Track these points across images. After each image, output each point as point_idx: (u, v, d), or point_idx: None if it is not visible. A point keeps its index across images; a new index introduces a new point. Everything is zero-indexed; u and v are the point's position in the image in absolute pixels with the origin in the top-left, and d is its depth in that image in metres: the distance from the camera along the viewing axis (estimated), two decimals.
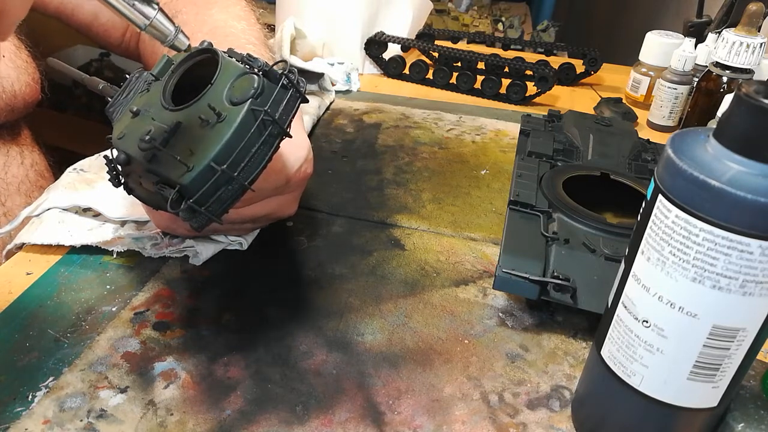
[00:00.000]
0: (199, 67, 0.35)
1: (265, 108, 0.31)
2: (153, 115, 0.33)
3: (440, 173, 0.59)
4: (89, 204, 0.44)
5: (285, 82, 0.32)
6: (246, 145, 0.31)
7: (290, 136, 0.33)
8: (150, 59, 0.61)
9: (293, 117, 0.32)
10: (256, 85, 0.31)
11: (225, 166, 0.30)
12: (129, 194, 0.36)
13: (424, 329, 0.39)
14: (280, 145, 0.33)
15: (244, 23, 0.55)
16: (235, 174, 0.30)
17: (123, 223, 0.44)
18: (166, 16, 0.32)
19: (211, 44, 0.35)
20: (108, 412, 0.32)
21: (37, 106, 0.58)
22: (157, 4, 0.32)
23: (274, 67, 0.33)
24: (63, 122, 1.16)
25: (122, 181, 0.35)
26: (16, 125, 0.58)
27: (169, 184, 0.31)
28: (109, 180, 0.35)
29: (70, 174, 0.48)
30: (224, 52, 0.34)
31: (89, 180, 0.47)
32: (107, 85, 0.38)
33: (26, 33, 0.57)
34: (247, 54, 0.33)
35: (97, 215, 0.45)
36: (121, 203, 0.45)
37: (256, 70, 0.32)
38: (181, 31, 0.33)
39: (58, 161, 0.62)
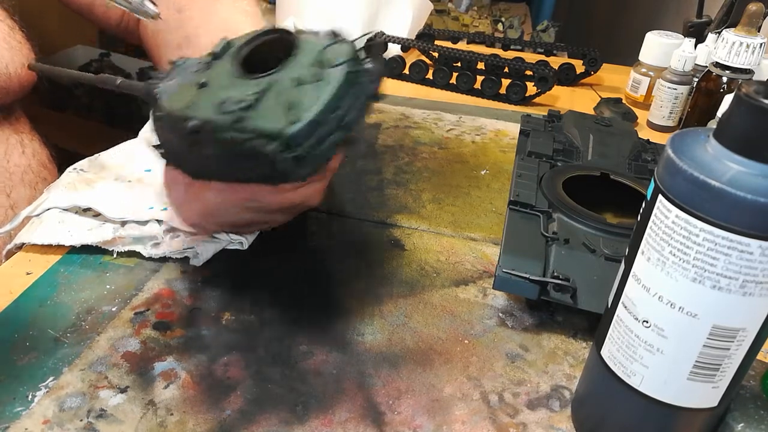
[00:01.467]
0: (259, 49, 0.36)
1: (360, 68, 0.33)
2: (224, 87, 0.33)
3: (440, 173, 0.59)
4: (89, 204, 0.44)
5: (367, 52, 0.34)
6: (346, 101, 0.32)
7: (382, 98, 0.34)
8: (150, 40, 0.60)
9: (382, 80, 0.34)
10: (349, 50, 0.33)
11: (331, 115, 0.31)
12: (176, 167, 0.35)
13: (424, 329, 0.39)
14: None
15: (249, 20, 0.54)
16: (341, 123, 0.32)
17: (123, 223, 0.44)
18: None
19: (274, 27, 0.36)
20: (108, 412, 0.32)
21: (37, 105, 0.58)
22: None
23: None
24: (63, 122, 1.16)
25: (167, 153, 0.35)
26: (12, 110, 0.57)
27: (268, 138, 0.30)
28: (159, 153, 0.35)
29: (70, 174, 0.48)
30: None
31: (89, 180, 0.47)
32: (123, 80, 0.38)
33: (20, 14, 0.56)
34: (331, 30, 0.35)
35: (97, 215, 0.45)
36: (121, 203, 0.45)
37: (343, 38, 0.35)
38: (150, 1, 0.33)
39: (58, 161, 0.62)
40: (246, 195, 0.38)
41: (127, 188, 0.47)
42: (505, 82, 0.79)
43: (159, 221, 0.44)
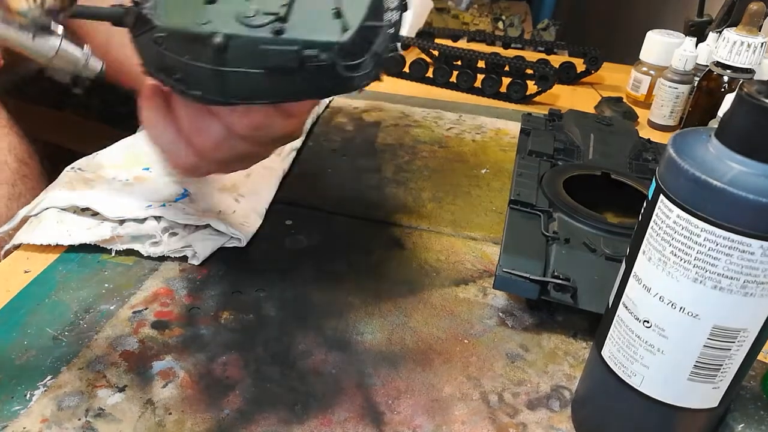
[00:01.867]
0: None
1: None
2: (236, 1, 0.30)
3: (440, 172, 0.59)
4: (87, 204, 0.44)
5: None
6: (383, 8, 0.31)
7: (408, 8, 0.33)
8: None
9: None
10: None
11: (375, 22, 0.30)
12: (191, 95, 0.32)
13: (423, 329, 0.39)
14: None
15: None
16: (388, 23, 0.31)
17: (121, 221, 0.44)
18: (72, 42, 0.31)
19: None
20: (106, 411, 0.32)
21: (36, 104, 0.57)
22: (61, 33, 0.30)
23: None
24: (61, 121, 1.16)
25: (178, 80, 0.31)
26: None
27: (320, 48, 0.29)
28: (171, 82, 0.32)
29: (68, 173, 0.48)
30: None
31: (87, 179, 0.47)
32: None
33: None
34: None
35: (95, 214, 0.45)
36: (119, 202, 0.45)
37: None
38: (92, 55, 0.32)
39: (58, 160, 0.61)
40: (258, 121, 0.35)
41: (125, 187, 0.47)
42: (506, 80, 0.78)
43: (157, 218, 0.44)
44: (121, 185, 0.47)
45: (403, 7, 0.33)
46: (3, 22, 0.29)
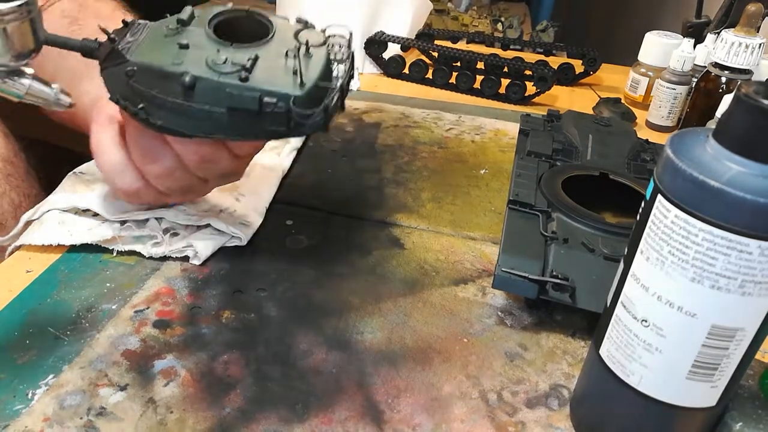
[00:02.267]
0: (226, 22, 0.39)
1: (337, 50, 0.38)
2: (207, 50, 0.35)
3: (440, 172, 0.59)
4: (87, 205, 0.44)
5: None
6: (332, 73, 0.37)
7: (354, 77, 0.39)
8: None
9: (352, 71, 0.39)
10: (323, 37, 0.38)
11: (326, 83, 0.36)
12: (154, 125, 0.35)
13: (423, 328, 0.39)
14: None
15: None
16: (336, 87, 0.36)
17: (122, 222, 0.44)
18: (41, 81, 0.34)
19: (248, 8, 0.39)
20: (108, 410, 0.32)
21: (22, 101, 0.56)
22: (30, 73, 0.33)
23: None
24: (48, 118, 1.16)
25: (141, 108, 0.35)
26: None
27: (278, 97, 0.34)
28: (135, 111, 0.35)
29: (70, 177, 0.48)
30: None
31: (87, 182, 0.47)
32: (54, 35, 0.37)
33: None
34: (298, 17, 0.40)
35: (96, 215, 0.45)
36: (119, 205, 0.45)
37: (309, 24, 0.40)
38: (61, 91, 0.35)
39: (46, 158, 0.60)
40: (208, 155, 0.38)
41: None
42: (505, 81, 0.79)
43: (158, 219, 0.44)
44: None
45: (350, 76, 0.38)
46: None
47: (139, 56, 0.35)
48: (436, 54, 0.83)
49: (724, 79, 0.63)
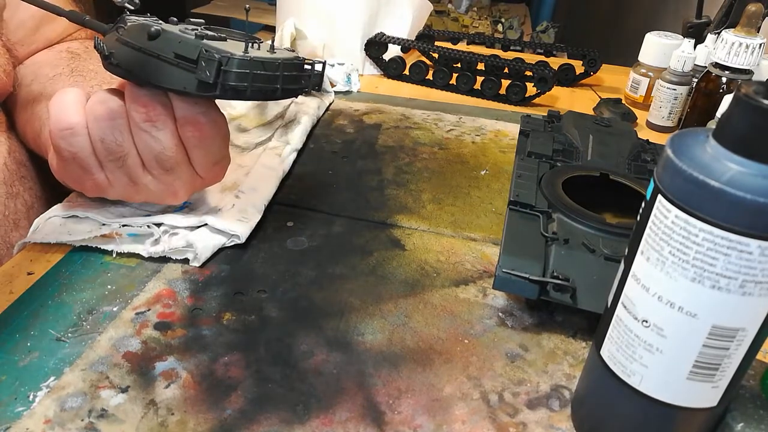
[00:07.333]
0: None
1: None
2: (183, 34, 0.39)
3: (440, 174, 0.59)
4: (87, 214, 0.45)
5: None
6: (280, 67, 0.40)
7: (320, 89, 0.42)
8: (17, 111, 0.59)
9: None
10: (270, 44, 0.42)
11: (271, 66, 0.39)
12: (123, 72, 0.39)
13: (424, 329, 0.39)
14: None
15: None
16: (269, 72, 0.39)
17: (122, 226, 0.44)
18: None
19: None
20: (109, 412, 0.32)
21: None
22: None
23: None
24: None
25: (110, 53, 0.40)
26: None
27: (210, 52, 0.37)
28: (112, 62, 0.39)
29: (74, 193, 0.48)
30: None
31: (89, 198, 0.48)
32: (89, 18, 0.43)
33: None
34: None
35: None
36: (117, 211, 0.45)
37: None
38: None
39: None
40: (152, 110, 0.39)
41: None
42: (505, 82, 0.79)
43: (157, 224, 0.45)
44: None
45: (317, 84, 0.43)
46: None
47: (132, 23, 0.40)
48: (436, 55, 0.83)
49: (724, 80, 0.63)
